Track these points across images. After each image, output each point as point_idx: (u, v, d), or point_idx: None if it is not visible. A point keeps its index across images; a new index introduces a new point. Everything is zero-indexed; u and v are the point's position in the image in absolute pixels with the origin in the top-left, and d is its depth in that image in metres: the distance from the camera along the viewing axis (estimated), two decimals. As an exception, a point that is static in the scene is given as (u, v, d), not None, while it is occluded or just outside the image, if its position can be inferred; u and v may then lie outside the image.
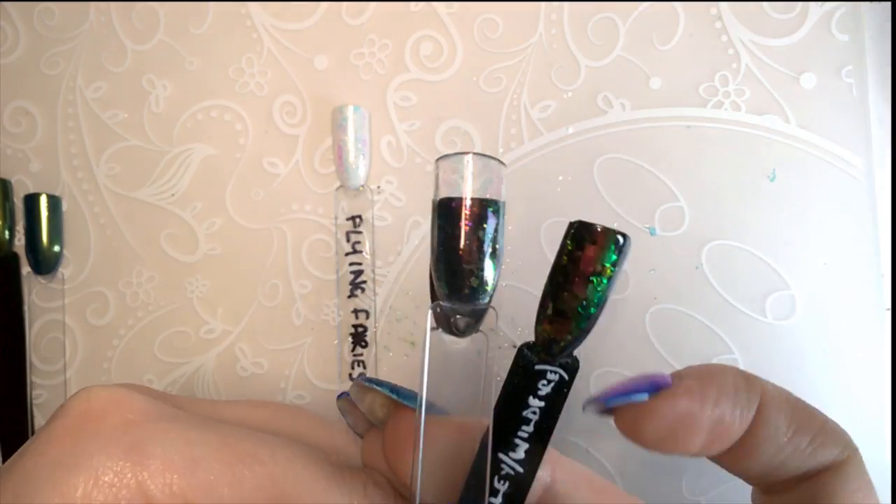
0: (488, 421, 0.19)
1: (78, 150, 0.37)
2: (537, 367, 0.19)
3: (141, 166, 0.36)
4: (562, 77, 0.34)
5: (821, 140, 0.33)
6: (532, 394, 0.19)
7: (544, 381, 0.19)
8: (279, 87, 0.36)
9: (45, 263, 0.35)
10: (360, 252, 0.34)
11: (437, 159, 0.18)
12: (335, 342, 0.35)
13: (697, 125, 0.33)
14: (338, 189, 0.35)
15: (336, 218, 0.35)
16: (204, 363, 0.35)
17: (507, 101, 0.34)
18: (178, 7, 0.36)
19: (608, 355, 0.33)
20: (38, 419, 0.36)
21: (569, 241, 0.18)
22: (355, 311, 0.34)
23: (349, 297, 0.34)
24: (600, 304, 0.18)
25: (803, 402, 0.19)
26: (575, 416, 0.33)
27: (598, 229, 0.18)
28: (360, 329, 0.34)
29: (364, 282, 0.34)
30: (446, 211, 0.18)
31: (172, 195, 0.36)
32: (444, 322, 0.18)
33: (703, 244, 0.33)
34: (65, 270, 0.36)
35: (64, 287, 0.36)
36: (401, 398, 0.21)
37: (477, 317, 0.18)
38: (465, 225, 0.18)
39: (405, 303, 0.34)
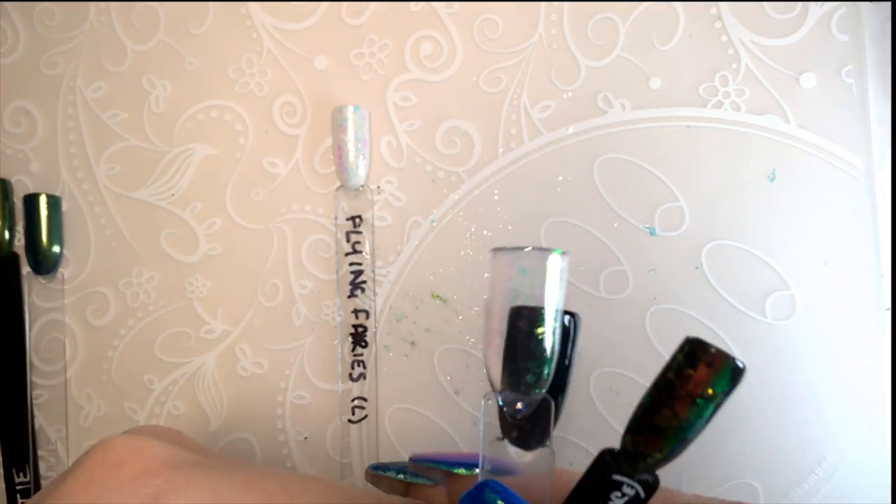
0: None
1: (78, 150, 0.37)
2: (615, 477, 0.18)
3: (141, 166, 0.36)
4: (562, 77, 0.34)
5: (821, 140, 0.33)
6: (603, 502, 0.18)
7: (618, 493, 0.18)
8: (279, 87, 0.36)
9: (45, 263, 0.35)
10: (360, 252, 0.34)
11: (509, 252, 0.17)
12: (335, 342, 0.35)
13: (697, 125, 0.33)
14: (338, 189, 0.35)
15: (336, 218, 0.35)
16: (204, 363, 0.35)
17: (507, 101, 0.34)
18: (178, 7, 0.36)
19: (608, 355, 0.33)
20: (39, 419, 0.36)
21: (680, 357, 0.17)
22: (355, 311, 0.34)
23: (349, 297, 0.34)
24: (699, 429, 0.17)
25: None
26: (575, 416, 0.33)
27: (714, 351, 0.17)
28: (360, 329, 0.34)
29: (364, 282, 0.34)
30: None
31: (172, 195, 0.36)
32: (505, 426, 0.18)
33: (703, 244, 0.33)
34: (65, 270, 0.36)
35: (64, 287, 0.36)
36: (409, 479, 0.21)
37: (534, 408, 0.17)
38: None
39: (405, 303, 0.34)
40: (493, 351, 0.17)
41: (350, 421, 0.34)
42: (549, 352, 0.17)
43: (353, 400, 0.34)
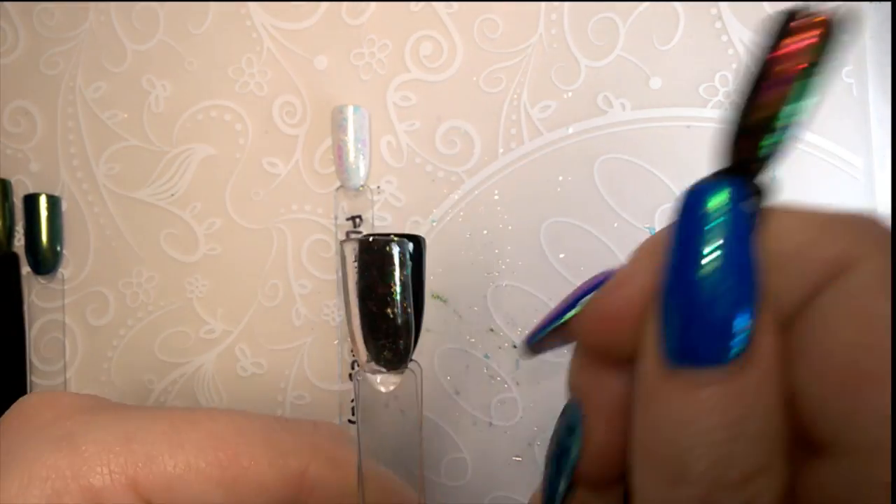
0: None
1: (78, 150, 0.37)
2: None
3: (141, 166, 0.36)
4: (562, 77, 0.34)
5: (821, 140, 0.33)
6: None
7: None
8: (279, 87, 0.36)
9: (45, 263, 0.35)
10: (360, 252, 0.34)
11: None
12: (335, 342, 0.35)
13: (697, 125, 0.33)
14: (338, 189, 0.35)
15: (336, 218, 0.35)
16: (204, 363, 0.35)
17: (507, 101, 0.34)
18: (178, 7, 0.36)
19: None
20: (38, 419, 0.36)
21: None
22: (355, 311, 0.34)
23: (349, 297, 0.34)
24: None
25: None
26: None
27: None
28: (360, 329, 0.34)
29: (364, 282, 0.34)
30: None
31: (172, 195, 0.36)
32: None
33: (703, 244, 0.33)
34: (65, 270, 0.36)
35: (64, 287, 0.36)
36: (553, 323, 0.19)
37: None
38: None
39: (405, 303, 0.34)
40: (354, 330, 0.18)
41: (350, 421, 0.34)
42: (401, 329, 0.18)
43: (352, 400, 0.34)
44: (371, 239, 0.17)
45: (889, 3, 0.33)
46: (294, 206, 0.35)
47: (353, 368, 0.34)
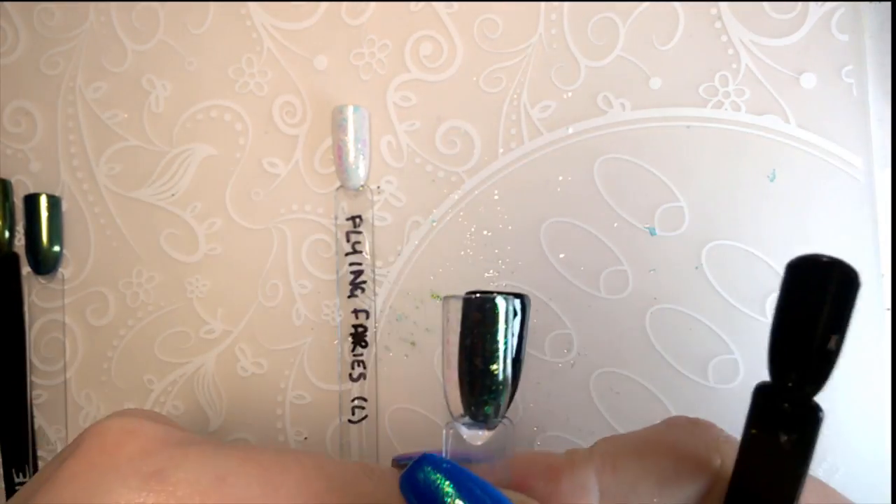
0: None
1: (78, 150, 0.37)
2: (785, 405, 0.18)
3: (141, 166, 0.36)
4: (562, 77, 0.34)
5: (821, 140, 0.33)
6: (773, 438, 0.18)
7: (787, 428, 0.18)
8: (279, 87, 0.36)
9: (45, 263, 0.35)
10: (360, 252, 0.34)
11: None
12: (335, 342, 0.35)
13: (697, 125, 0.33)
14: (338, 189, 0.35)
15: (336, 218, 0.35)
16: (204, 363, 0.35)
17: (507, 101, 0.34)
18: (177, 7, 0.36)
19: (608, 355, 0.33)
20: (39, 419, 0.36)
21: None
22: (355, 311, 0.34)
23: (349, 297, 0.34)
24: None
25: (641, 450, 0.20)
26: (574, 416, 0.33)
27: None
28: (360, 329, 0.34)
29: (364, 282, 0.34)
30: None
31: (172, 195, 0.36)
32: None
33: (703, 244, 0.33)
34: (65, 270, 0.36)
35: (64, 287, 0.36)
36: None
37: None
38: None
39: (405, 303, 0.34)
40: (451, 385, 0.18)
41: (350, 421, 0.34)
42: (503, 385, 0.18)
43: (353, 400, 0.34)
44: (478, 296, 0.17)
45: (889, 3, 0.33)
46: (294, 206, 0.35)
47: (352, 368, 0.34)
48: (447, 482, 0.17)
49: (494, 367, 0.17)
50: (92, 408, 0.36)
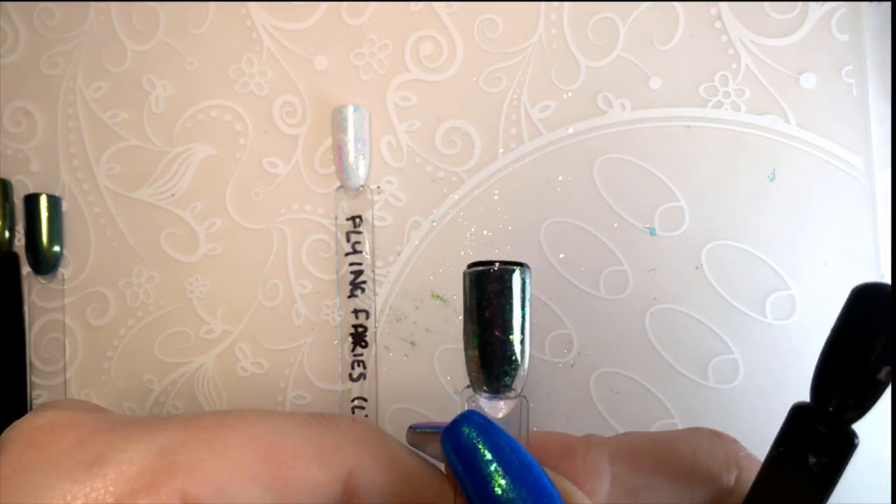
0: None
1: (78, 150, 0.37)
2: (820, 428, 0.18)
3: (141, 166, 0.36)
4: (562, 77, 0.34)
5: (821, 140, 0.33)
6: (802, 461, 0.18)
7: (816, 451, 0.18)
8: (279, 87, 0.36)
9: (45, 263, 0.35)
10: (360, 252, 0.34)
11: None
12: (335, 342, 0.35)
13: (697, 125, 0.33)
14: (338, 189, 0.35)
15: (336, 218, 0.35)
16: (204, 363, 0.35)
17: (507, 101, 0.34)
18: (178, 7, 0.36)
19: (608, 355, 0.33)
20: (38, 419, 0.36)
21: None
22: (355, 311, 0.34)
23: (349, 297, 0.34)
24: None
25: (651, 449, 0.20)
26: (574, 416, 0.33)
27: None
28: (360, 329, 0.34)
29: (364, 282, 0.34)
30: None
31: (172, 195, 0.36)
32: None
33: (703, 244, 0.33)
34: (65, 270, 0.36)
35: (64, 287, 0.36)
36: None
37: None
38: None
39: (405, 303, 0.34)
40: (471, 357, 0.18)
41: (350, 421, 0.34)
42: (522, 355, 0.18)
43: (353, 400, 0.34)
44: (496, 268, 0.17)
45: (889, 4, 0.33)
46: (294, 206, 0.35)
47: (352, 368, 0.34)
48: (485, 441, 0.17)
49: (513, 337, 0.18)
50: (92, 408, 0.36)
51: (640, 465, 0.20)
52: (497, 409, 0.18)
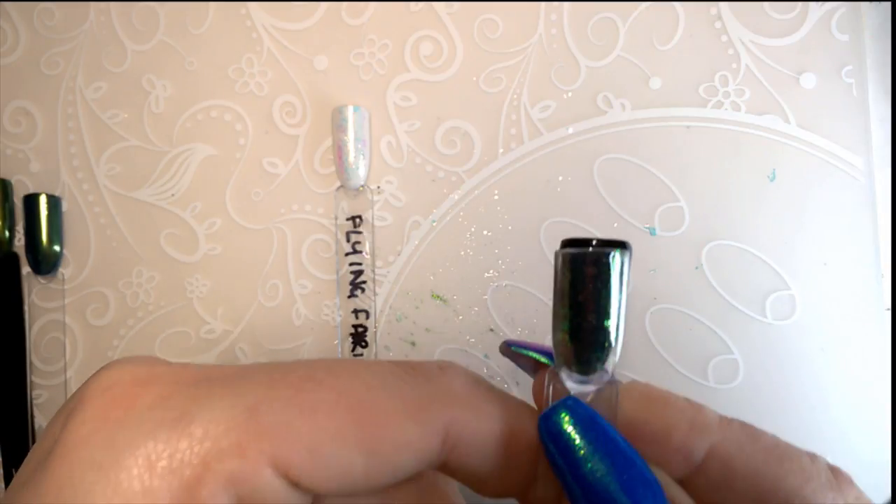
0: None
1: (78, 150, 0.37)
2: None
3: (141, 166, 0.36)
4: (562, 77, 0.34)
5: (821, 140, 0.33)
6: None
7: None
8: (279, 87, 0.36)
9: (45, 263, 0.35)
10: (360, 252, 0.34)
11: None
12: (335, 342, 0.35)
13: (697, 125, 0.33)
14: (338, 189, 0.35)
15: (336, 218, 0.35)
16: (204, 363, 0.35)
17: (507, 101, 0.34)
18: (178, 7, 0.36)
19: (608, 355, 0.33)
20: (39, 419, 0.36)
21: None
22: (355, 311, 0.34)
23: (349, 297, 0.34)
24: None
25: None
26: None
27: None
28: (360, 329, 0.34)
29: (364, 282, 0.34)
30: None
31: (172, 195, 0.36)
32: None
33: (703, 244, 0.33)
34: (65, 270, 0.36)
35: (64, 287, 0.36)
36: (549, 362, 0.19)
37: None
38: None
39: (405, 303, 0.34)
40: (560, 341, 0.17)
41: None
42: (616, 341, 0.17)
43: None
44: (592, 250, 0.16)
45: (889, 4, 0.33)
46: (294, 206, 0.35)
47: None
48: (583, 431, 0.16)
49: (608, 322, 0.17)
50: (92, 408, 0.36)
51: (735, 473, 0.18)
52: (584, 394, 0.17)
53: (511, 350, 0.21)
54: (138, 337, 0.36)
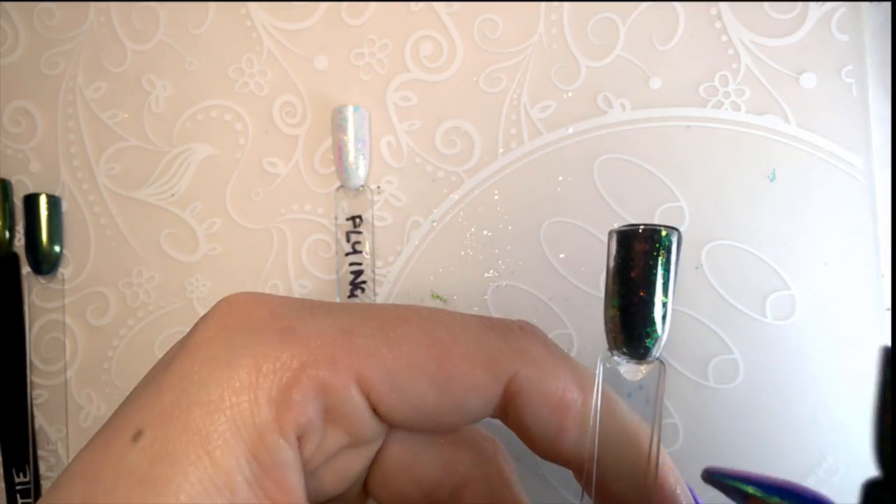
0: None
1: (78, 150, 0.37)
2: None
3: (141, 166, 0.36)
4: (562, 77, 0.34)
5: (821, 140, 0.33)
6: None
7: None
8: (279, 87, 0.36)
9: (45, 263, 0.35)
10: (360, 252, 0.34)
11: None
12: (335, 342, 0.34)
13: (697, 125, 0.33)
14: (338, 189, 0.35)
15: (336, 218, 0.35)
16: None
17: (507, 101, 0.34)
18: (178, 7, 0.36)
19: (608, 355, 0.33)
20: (39, 419, 0.36)
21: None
22: (355, 311, 0.34)
23: (349, 297, 0.34)
24: None
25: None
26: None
27: None
28: (360, 329, 0.34)
29: (364, 282, 0.34)
30: None
31: (172, 195, 0.36)
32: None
33: (703, 244, 0.33)
34: (65, 270, 0.36)
35: (64, 287, 0.36)
36: (759, 493, 0.20)
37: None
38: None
39: (405, 303, 0.34)
40: (611, 319, 0.18)
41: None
42: (665, 318, 0.18)
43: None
44: (643, 228, 0.17)
45: (889, 4, 0.33)
46: (294, 206, 0.35)
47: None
48: None
49: (658, 299, 0.17)
50: (93, 407, 0.36)
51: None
52: (636, 372, 0.18)
53: (714, 479, 0.21)
54: (138, 337, 0.36)
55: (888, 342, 0.31)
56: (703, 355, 0.33)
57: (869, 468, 0.22)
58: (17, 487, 0.35)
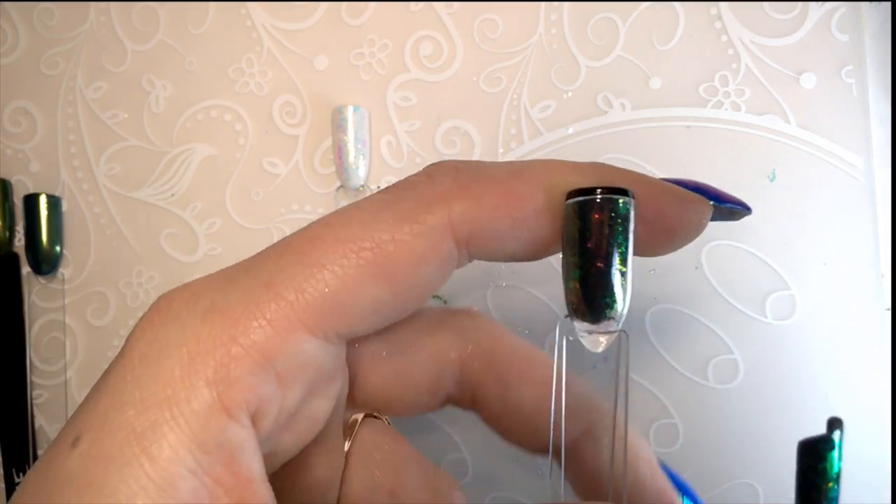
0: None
1: (78, 150, 0.37)
2: None
3: (141, 166, 0.36)
4: (562, 77, 0.34)
5: (821, 140, 0.33)
6: None
7: None
8: (279, 87, 0.36)
9: (45, 263, 0.35)
10: (360, 252, 0.34)
11: None
12: (335, 342, 0.35)
13: (697, 125, 0.33)
14: (338, 189, 0.35)
15: (336, 218, 0.35)
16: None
17: (507, 101, 0.34)
18: (178, 7, 0.36)
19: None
20: (39, 419, 0.36)
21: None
22: (355, 311, 0.34)
23: (349, 297, 0.34)
24: None
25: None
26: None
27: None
28: (360, 329, 0.34)
29: (364, 282, 0.34)
30: None
31: (172, 195, 0.36)
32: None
33: (703, 244, 0.33)
34: (65, 270, 0.36)
35: (64, 287, 0.36)
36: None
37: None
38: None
39: (405, 303, 0.34)
40: (571, 290, 0.18)
41: (350, 421, 0.34)
42: (624, 286, 0.17)
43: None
44: (600, 198, 0.17)
45: (889, 4, 0.33)
46: (294, 206, 0.35)
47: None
48: None
49: (615, 268, 0.17)
50: (92, 408, 0.36)
51: None
52: (597, 343, 0.18)
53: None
54: (138, 337, 0.36)
55: (888, 341, 0.31)
56: (703, 355, 0.33)
57: (869, 468, 0.22)
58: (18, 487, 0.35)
